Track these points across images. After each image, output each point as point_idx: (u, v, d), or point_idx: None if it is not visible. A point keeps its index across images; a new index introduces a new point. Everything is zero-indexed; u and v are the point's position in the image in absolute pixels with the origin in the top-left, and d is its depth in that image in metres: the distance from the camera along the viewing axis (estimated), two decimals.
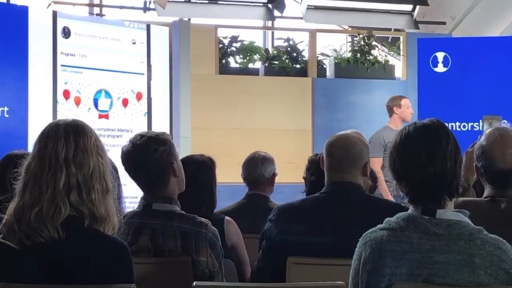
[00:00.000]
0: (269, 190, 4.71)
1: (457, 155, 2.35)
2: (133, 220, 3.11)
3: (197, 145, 7.89)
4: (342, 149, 3.31)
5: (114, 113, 7.54)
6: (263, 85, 9.13)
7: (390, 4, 9.64)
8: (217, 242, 3.16)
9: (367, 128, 8.21)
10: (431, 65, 7.66)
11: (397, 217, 2.36)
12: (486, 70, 7.54)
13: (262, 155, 4.74)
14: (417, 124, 2.41)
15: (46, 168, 2.35)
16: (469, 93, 7.55)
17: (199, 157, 3.91)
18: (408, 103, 7.72)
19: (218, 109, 8.87)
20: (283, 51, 9.44)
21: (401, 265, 2.27)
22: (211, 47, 9.01)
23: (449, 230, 2.28)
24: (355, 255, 2.39)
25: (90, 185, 2.38)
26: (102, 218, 2.38)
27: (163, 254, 3.08)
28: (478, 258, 2.23)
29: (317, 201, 3.31)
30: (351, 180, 3.28)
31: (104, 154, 2.45)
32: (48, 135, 2.41)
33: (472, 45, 7.81)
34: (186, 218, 3.14)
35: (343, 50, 9.66)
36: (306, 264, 3.11)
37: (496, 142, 3.12)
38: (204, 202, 3.78)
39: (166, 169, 3.18)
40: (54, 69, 7.12)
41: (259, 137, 8.73)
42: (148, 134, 3.24)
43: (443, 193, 2.33)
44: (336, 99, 9.24)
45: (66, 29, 7.23)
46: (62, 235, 2.31)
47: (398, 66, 9.84)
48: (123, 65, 7.64)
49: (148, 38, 7.86)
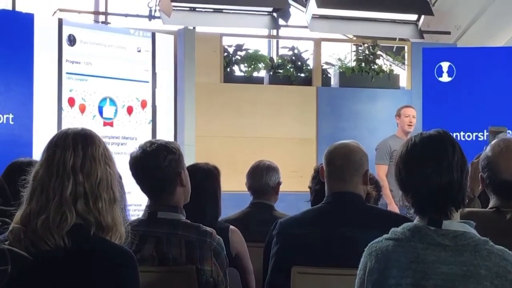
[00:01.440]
0: (274, 199, 4.71)
1: (463, 166, 2.35)
2: (138, 228, 3.10)
3: (201, 153, 7.90)
4: (343, 158, 3.31)
5: (119, 120, 7.55)
6: (268, 93, 9.14)
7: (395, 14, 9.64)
8: (222, 251, 3.16)
9: (371, 137, 8.24)
10: (436, 75, 7.66)
11: (403, 227, 2.35)
12: (491, 80, 7.54)
13: (267, 164, 4.74)
14: (423, 134, 2.40)
15: (53, 176, 2.36)
16: (474, 103, 7.54)
17: (204, 165, 3.91)
18: (407, 112, 7.77)
19: (223, 117, 8.88)
20: (288, 59, 9.45)
21: (407, 276, 2.27)
22: (216, 55, 9.03)
23: (455, 241, 2.27)
24: (360, 264, 2.39)
25: (97, 194, 2.38)
26: (109, 227, 2.38)
27: (168, 262, 3.09)
28: (484, 269, 2.23)
29: (319, 212, 3.32)
30: (352, 190, 3.29)
31: (112, 164, 2.45)
32: (57, 143, 2.41)
33: (477, 55, 7.80)
34: (191, 227, 3.14)
35: (348, 59, 9.66)
36: (310, 273, 3.12)
37: (502, 153, 3.12)
38: (209, 210, 3.78)
39: (173, 177, 3.18)
40: (59, 76, 7.13)
41: (263, 146, 8.74)
42: (158, 141, 3.24)
43: (449, 204, 2.32)
44: (341, 108, 9.25)
45: (71, 36, 7.24)
46: (68, 243, 2.31)
47: (403, 76, 9.84)
48: (128, 73, 7.65)
49: (153, 46, 7.88)
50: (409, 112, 7.79)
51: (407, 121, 7.73)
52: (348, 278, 2.71)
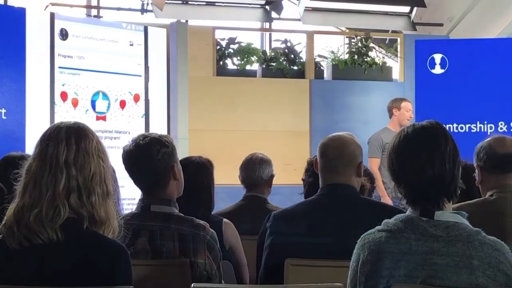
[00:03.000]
0: (267, 191, 4.71)
1: (455, 157, 2.36)
2: (131, 222, 3.10)
3: (194, 146, 7.89)
4: (335, 150, 3.32)
5: (112, 115, 7.53)
6: (261, 86, 9.14)
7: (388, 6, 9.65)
8: (215, 245, 3.16)
9: (365, 130, 8.24)
10: (428, 67, 7.66)
11: (395, 218, 2.36)
12: (483, 72, 7.54)
13: (260, 156, 4.74)
14: (416, 126, 2.41)
15: (46, 170, 2.35)
16: (467, 94, 7.55)
17: (197, 158, 3.91)
18: (408, 106, 7.73)
19: (216, 110, 8.88)
20: (281, 52, 9.45)
21: (399, 267, 2.28)
22: (209, 48, 9.02)
23: (447, 232, 2.28)
24: (353, 256, 2.39)
25: (90, 188, 2.38)
26: (102, 221, 2.38)
27: (161, 256, 3.08)
28: (476, 259, 2.24)
29: (312, 204, 3.32)
30: (345, 181, 3.29)
31: (105, 157, 2.45)
32: (50, 137, 2.41)
33: (470, 46, 7.81)
34: (185, 220, 3.14)
35: (341, 52, 9.67)
36: (303, 265, 3.12)
37: (495, 139, 3.54)
38: (202, 204, 3.78)
39: (166, 171, 3.18)
40: (52, 70, 7.11)
41: (256, 139, 8.74)
42: (151, 135, 3.24)
43: (442, 195, 2.33)
44: (334, 101, 9.25)
45: (63, 30, 7.22)
46: (61, 237, 2.31)
47: (396, 68, 9.85)
48: (121, 67, 7.64)
49: (145, 40, 7.86)
50: (410, 107, 7.72)
51: (408, 115, 7.65)
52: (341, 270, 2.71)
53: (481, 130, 7.48)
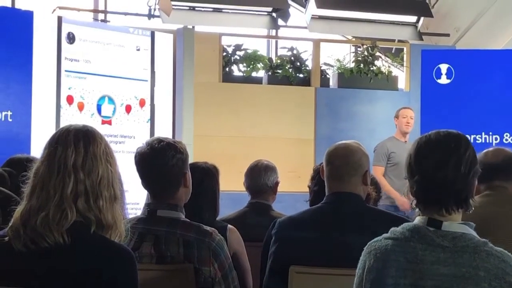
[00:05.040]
0: (272, 198, 4.71)
1: (472, 165, 2.36)
2: (137, 226, 3.10)
3: (199, 152, 7.89)
4: (342, 158, 3.32)
5: (117, 119, 7.55)
6: (266, 93, 9.14)
7: (395, 15, 9.65)
8: (221, 252, 3.15)
9: (370, 139, 8.25)
10: (434, 77, 7.67)
11: (402, 227, 2.36)
12: (489, 83, 7.55)
13: (265, 163, 4.74)
14: (442, 130, 2.43)
15: (54, 173, 2.35)
16: (472, 105, 7.55)
17: (203, 164, 3.91)
18: (405, 113, 7.81)
19: (221, 117, 8.88)
20: (287, 60, 9.45)
21: (405, 276, 2.27)
22: (215, 55, 9.02)
23: (454, 242, 2.28)
24: (359, 263, 2.39)
25: (98, 192, 2.37)
26: (109, 225, 2.38)
27: (166, 261, 3.08)
28: (483, 271, 2.23)
29: (317, 212, 3.32)
30: (351, 190, 3.29)
31: (113, 162, 2.45)
32: (58, 140, 2.41)
33: (476, 57, 7.81)
34: (191, 226, 3.13)
35: (347, 60, 9.67)
36: (308, 273, 3.12)
37: (485, 152, 3.69)
38: (208, 209, 3.78)
39: (179, 177, 3.18)
40: (58, 74, 7.13)
41: (261, 146, 8.74)
42: (166, 139, 3.23)
43: (451, 200, 2.33)
44: (339, 109, 9.25)
45: (70, 34, 7.25)
46: (68, 240, 2.31)
47: (402, 77, 9.85)
48: (127, 72, 7.66)
49: (152, 45, 7.88)
50: (407, 113, 7.83)
51: (405, 122, 7.78)
52: (346, 278, 2.72)
53: (486, 141, 7.48)
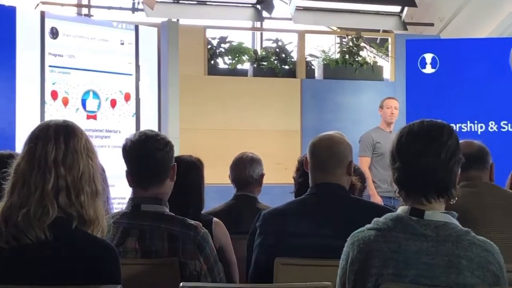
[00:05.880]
0: (258, 190, 4.71)
1: (454, 153, 2.36)
2: (121, 220, 3.09)
3: (185, 146, 7.87)
4: (326, 150, 3.32)
5: (102, 114, 7.52)
6: (252, 86, 9.13)
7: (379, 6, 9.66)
8: (206, 245, 3.14)
9: (356, 129, 8.25)
10: (419, 67, 7.67)
11: (385, 217, 2.36)
12: (474, 72, 7.56)
13: (250, 156, 4.73)
14: (426, 120, 2.43)
15: (35, 169, 2.34)
16: (457, 94, 7.56)
17: (188, 157, 3.90)
18: (389, 104, 7.80)
19: (207, 110, 8.86)
20: (272, 52, 9.44)
21: (388, 266, 2.28)
22: (200, 48, 9.00)
23: (437, 231, 2.28)
24: (343, 254, 2.40)
25: (79, 187, 2.36)
26: (91, 220, 2.37)
27: (150, 255, 3.07)
28: (465, 260, 2.24)
29: (302, 203, 3.33)
30: (335, 181, 3.30)
31: (94, 156, 2.44)
32: (38, 136, 2.40)
33: (460, 46, 7.82)
34: (176, 220, 3.13)
35: (332, 51, 9.67)
36: (293, 265, 3.12)
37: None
38: (192, 203, 3.76)
39: (167, 169, 3.19)
40: (42, 69, 7.09)
41: (247, 138, 8.74)
42: (157, 132, 3.28)
43: (432, 188, 2.33)
44: (325, 100, 9.25)
45: (54, 29, 7.20)
46: (50, 236, 2.30)
47: (387, 68, 9.86)
48: (111, 66, 7.62)
49: (136, 39, 7.84)
50: (391, 103, 7.82)
51: (389, 112, 7.76)
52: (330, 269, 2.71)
53: (471, 130, 7.50)
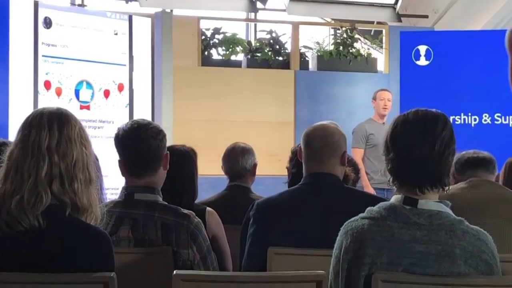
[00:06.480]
0: (251, 180, 4.70)
1: (448, 144, 2.35)
2: (114, 209, 3.09)
3: (178, 137, 7.86)
4: (320, 139, 3.32)
5: (96, 104, 7.51)
6: (246, 77, 9.12)
7: None
8: (200, 234, 3.14)
9: (349, 121, 8.26)
10: (413, 58, 7.69)
11: (378, 206, 2.36)
12: (468, 64, 7.57)
13: (241, 146, 4.72)
14: (421, 109, 2.42)
15: (28, 156, 2.34)
16: (451, 86, 7.58)
17: (181, 147, 3.89)
18: (382, 95, 7.78)
19: (200, 101, 8.85)
20: (266, 43, 9.43)
21: (382, 255, 2.28)
22: (194, 38, 8.98)
23: (430, 220, 2.28)
24: (336, 243, 2.40)
25: (73, 175, 2.36)
26: (84, 208, 2.37)
27: (144, 244, 3.06)
28: (459, 248, 2.24)
29: (296, 193, 3.33)
30: (329, 171, 3.30)
31: (88, 144, 2.44)
32: (32, 123, 2.39)
33: (454, 38, 7.84)
34: (169, 209, 3.12)
35: (326, 43, 9.66)
36: (286, 254, 3.12)
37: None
38: (186, 192, 3.76)
39: (160, 157, 3.18)
40: (35, 59, 7.07)
41: (241, 129, 8.72)
42: (149, 120, 3.28)
43: (425, 179, 2.33)
44: (319, 92, 9.25)
45: (47, 19, 7.18)
46: (43, 223, 2.30)
47: (381, 59, 9.86)
48: (105, 56, 7.61)
49: (130, 29, 7.83)
50: (384, 95, 7.80)
51: (382, 104, 7.74)
52: (324, 259, 2.72)
53: (465, 122, 7.52)
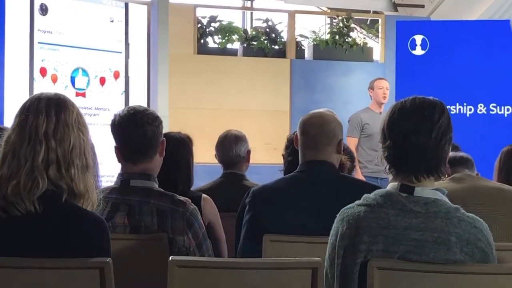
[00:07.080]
0: (246, 166, 4.70)
1: (445, 132, 2.34)
2: (110, 196, 3.09)
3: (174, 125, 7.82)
4: (316, 127, 3.33)
5: (91, 91, 7.49)
6: (242, 65, 9.12)
7: None
8: (195, 221, 3.14)
9: (345, 110, 8.26)
10: (409, 48, 7.68)
11: (375, 193, 2.36)
12: (464, 54, 7.57)
13: (234, 134, 4.71)
14: (418, 96, 2.41)
15: (25, 141, 2.33)
16: (447, 76, 7.58)
17: (176, 134, 3.89)
18: (380, 84, 7.75)
19: (196, 89, 8.86)
20: (262, 32, 9.43)
21: (377, 242, 2.28)
22: (190, 26, 8.98)
23: (426, 208, 2.29)
24: (332, 230, 2.40)
25: (69, 161, 2.36)
26: (81, 194, 2.37)
27: (140, 230, 3.07)
28: (454, 236, 2.25)
29: (292, 180, 3.33)
30: (325, 158, 3.30)
31: (85, 130, 2.44)
32: (30, 108, 2.39)
33: (450, 28, 7.83)
34: (165, 196, 3.13)
35: (322, 32, 9.66)
36: (282, 241, 3.12)
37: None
38: (181, 179, 3.77)
39: (156, 143, 3.18)
40: (31, 46, 7.05)
41: (236, 118, 8.73)
42: (145, 107, 3.28)
43: (421, 167, 2.33)
44: (314, 81, 9.26)
45: (43, 6, 7.16)
46: (39, 209, 2.30)
47: (377, 49, 9.86)
48: (101, 43, 7.59)
49: (126, 16, 7.80)
50: (383, 84, 7.77)
51: (381, 93, 7.70)
52: (319, 246, 2.73)
53: (460, 112, 7.52)
